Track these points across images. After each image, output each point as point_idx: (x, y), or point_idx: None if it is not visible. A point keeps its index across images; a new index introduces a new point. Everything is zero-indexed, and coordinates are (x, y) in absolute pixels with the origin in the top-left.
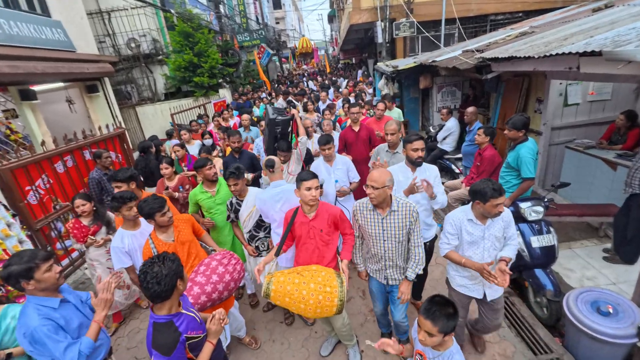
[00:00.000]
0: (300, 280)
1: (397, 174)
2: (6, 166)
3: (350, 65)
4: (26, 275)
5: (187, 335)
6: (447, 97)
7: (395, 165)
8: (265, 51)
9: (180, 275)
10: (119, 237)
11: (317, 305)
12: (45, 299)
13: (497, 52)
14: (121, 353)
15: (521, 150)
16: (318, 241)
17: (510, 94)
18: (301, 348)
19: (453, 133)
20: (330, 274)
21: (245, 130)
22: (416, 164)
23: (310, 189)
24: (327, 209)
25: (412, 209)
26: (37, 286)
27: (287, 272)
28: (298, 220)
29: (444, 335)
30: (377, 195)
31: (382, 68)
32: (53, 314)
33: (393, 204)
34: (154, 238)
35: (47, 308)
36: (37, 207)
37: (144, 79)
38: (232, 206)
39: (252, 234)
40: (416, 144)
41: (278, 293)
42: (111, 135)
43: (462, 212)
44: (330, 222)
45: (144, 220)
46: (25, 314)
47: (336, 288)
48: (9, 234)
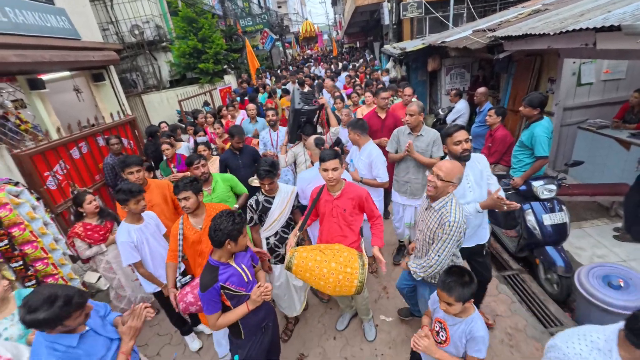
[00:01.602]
0: (322, 258)
1: None
2: (25, 152)
3: (355, 49)
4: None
5: (223, 284)
6: (456, 79)
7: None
8: (268, 36)
9: (232, 237)
10: (125, 231)
11: (337, 284)
12: (60, 337)
13: (510, 31)
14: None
15: (536, 129)
16: (340, 220)
17: (522, 75)
18: (317, 324)
19: (463, 115)
20: (353, 255)
21: (252, 121)
22: (463, 159)
23: (327, 170)
24: (353, 189)
25: (444, 221)
26: (62, 329)
27: (310, 249)
28: (323, 197)
29: (463, 303)
30: (437, 187)
31: (389, 50)
32: (72, 352)
33: (438, 203)
34: (185, 220)
35: (64, 347)
36: (56, 192)
37: (148, 67)
38: (258, 205)
39: (280, 236)
40: (458, 135)
41: (299, 267)
42: (122, 122)
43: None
44: (355, 203)
45: (146, 215)
46: (37, 354)
47: (357, 270)
48: (34, 217)
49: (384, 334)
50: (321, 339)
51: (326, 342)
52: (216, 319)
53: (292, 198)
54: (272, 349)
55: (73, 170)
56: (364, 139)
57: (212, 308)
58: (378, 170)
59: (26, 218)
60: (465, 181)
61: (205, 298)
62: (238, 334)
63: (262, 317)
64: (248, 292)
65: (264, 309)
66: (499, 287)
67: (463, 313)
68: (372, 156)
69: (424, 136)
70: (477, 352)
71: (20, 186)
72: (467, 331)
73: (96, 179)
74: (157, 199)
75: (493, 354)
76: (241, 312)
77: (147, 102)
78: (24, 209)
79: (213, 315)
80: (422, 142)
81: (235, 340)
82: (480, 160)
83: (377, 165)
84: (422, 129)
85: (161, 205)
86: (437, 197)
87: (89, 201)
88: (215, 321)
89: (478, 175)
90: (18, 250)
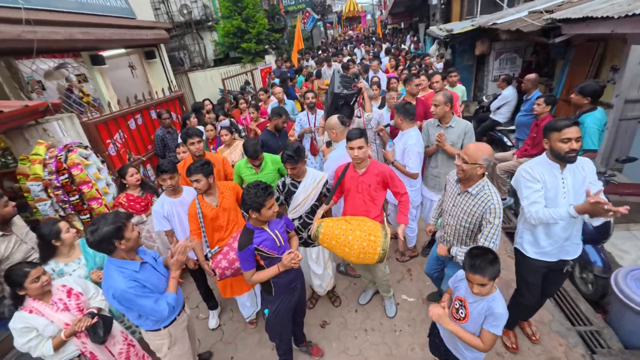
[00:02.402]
0: (347, 227)
1: (540, 172)
2: (92, 121)
3: (399, 30)
4: (117, 235)
5: (257, 247)
6: (506, 65)
7: (533, 160)
8: (310, 16)
9: (254, 208)
10: (159, 202)
11: (361, 250)
12: (126, 262)
13: (569, 13)
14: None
15: (587, 120)
16: (365, 195)
17: (581, 61)
18: (340, 296)
19: (509, 103)
20: (376, 225)
21: (280, 104)
22: (567, 160)
23: (353, 149)
24: (377, 166)
25: (489, 206)
26: (127, 245)
27: (335, 219)
28: (349, 174)
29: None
30: (464, 170)
31: (434, 32)
32: (136, 276)
33: (474, 187)
34: (200, 200)
35: (130, 270)
36: (115, 158)
37: (195, 46)
38: (284, 187)
39: (304, 221)
40: (568, 132)
41: (326, 236)
42: (172, 97)
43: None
44: (380, 179)
45: (186, 189)
46: (110, 276)
47: (380, 238)
48: (99, 177)
49: (404, 312)
50: (343, 310)
51: (348, 314)
52: (251, 275)
53: (320, 185)
54: (298, 309)
55: (129, 139)
56: (406, 124)
57: (247, 265)
58: (409, 159)
59: (93, 178)
60: (561, 186)
61: (242, 257)
62: (269, 290)
63: (292, 279)
64: (280, 255)
65: (293, 272)
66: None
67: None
68: (407, 143)
69: (454, 127)
70: (493, 327)
71: (89, 150)
72: (486, 307)
73: (148, 149)
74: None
75: None
76: (272, 272)
77: (193, 79)
78: (91, 170)
79: (248, 272)
80: (453, 134)
81: (267, 296)
82: (586, 166)
83: (409, 154)
84: (451, 120)
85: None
86: (468, 181)
87: (131, 174)
88: (250, 277)
89: (579, 182)
90: (87, 205)
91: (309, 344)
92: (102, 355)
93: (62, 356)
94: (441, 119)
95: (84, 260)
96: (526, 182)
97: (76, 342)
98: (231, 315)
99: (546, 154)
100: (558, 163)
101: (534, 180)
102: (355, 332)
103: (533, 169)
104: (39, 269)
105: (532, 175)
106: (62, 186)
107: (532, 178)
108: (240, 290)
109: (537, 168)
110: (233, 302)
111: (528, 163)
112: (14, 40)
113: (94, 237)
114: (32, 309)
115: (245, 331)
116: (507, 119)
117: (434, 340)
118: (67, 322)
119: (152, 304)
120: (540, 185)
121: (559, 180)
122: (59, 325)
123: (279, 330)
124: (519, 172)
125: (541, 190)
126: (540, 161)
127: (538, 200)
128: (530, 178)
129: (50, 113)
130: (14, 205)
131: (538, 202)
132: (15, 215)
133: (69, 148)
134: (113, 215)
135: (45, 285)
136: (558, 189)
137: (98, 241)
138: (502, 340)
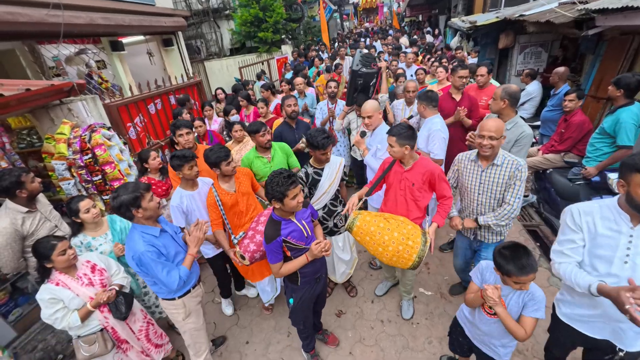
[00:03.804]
0: (385, 226)
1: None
2: (114, 103)
3: (417, 23)
4: (135, 204)
5: (285, 238)
6: (530, 59)
7: (593, 202)
8: (327, 7)
9: (276, 198)
10: (177, 196)
11: (395, 254)
12: (147, 227)
13: (606, 2)
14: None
15: (622, 115)
16: (407, 194)
17: (613, 56)
18: (357, 286)
19: (534, 98)
20: (417, 229)
21: (300, 96)
22: None
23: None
24: (426, 164)
25: (517, 165)
26: (144, 214)
27: (374, 214)
28: (394, 168)
29: None
30: (495, 146)
31: (456, 24)
32: (155, 241)
33: (498, 158)
34: (217, 187)
35: (150, 235)
36: (135, 141)
37: (212, 34)
38: (308, 178)
39: (329, 209)
40: None
41: (360, 230)
42: (190, 83)
43: (596, 203)
44: (426, 178)
45: (201, 181)
46: (133, 239)
47: (419, 245)
48: (122, 158)
49: (421, 305)
50: (359, 300)
51: (364, 304)
52: (279, 267)
53: (341, 169)
54: (319, 299)
55: (149, 123)
56: (429, 111)
57: (274, 258)
58: (433, 145)
59: (115, 159)
60: (624, 245)
61: (269, 249)
62: (295, 280)
63: (317, 269)
64: (307, 245)
65: (319, 262)
66: (551, 280)
67: None
68: (431, 130)
69: (508, 130)
70: (535, 312)
71: (112, 131)
72: (524, 294)
73: (167, 134)
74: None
75: (534, 341)
76: (301, 262)
77: (209, 68)
78: (114, 151)
79: (276, 264)
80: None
81: (292, 285)
82: None
83: (433, 140)
84: (509, 121)
85: (209, 170)
86: (492, 156)
87: (153, 157)
88: (278, 270)
89: None
90: (109, 185)
91: (325, 332)
92: (123, 332)
93: (86, 330)
94: (499, 116)
95: (110, 235)
96: (565, 225)
97: (99, 316)
98: (246, 300)
99: (617, 200)
100: (631, 214)
101: (575, 227)
102: (371, 322)
103: (582, 214)
104: (65, 242)
105: (574, 221)
106: (86, 166)
107: (574, 224)
108: (261, 275)
109: (591, 214)
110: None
111: (583, 204)
112: (38, 23)
113: (114, 203)
114: (59, 281)
115: (260, 316)
116: (531, 115)
117: (456, 338)
118: (92, 296)
119: (163, 273)
120: (579, 237)
121: (624, 237)
122: (84, 298)
123: (303, 317)
124: (569, 208)
125: (578, 244)
126: (603, 206)
127: (568, 253)
128: (571, 224)
129: (75, 93)
130: (39, 182)
131: (567, 254)
132: (41, 192)
133: (92, 128)
134: (133, 185)
135: (71, 259)
136: (618, 248)
137: (117, 207)
138: None
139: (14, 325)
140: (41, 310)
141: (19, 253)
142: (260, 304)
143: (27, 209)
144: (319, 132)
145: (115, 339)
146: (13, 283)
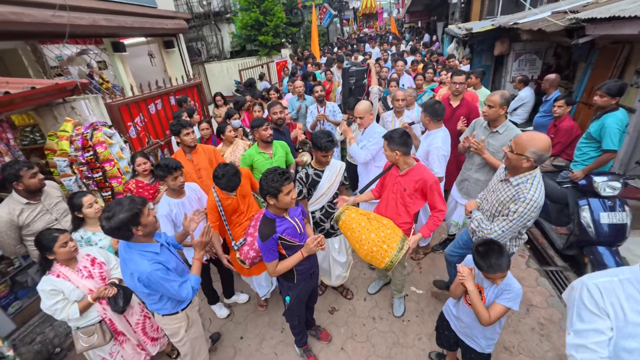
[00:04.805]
0: (366, 226)
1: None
2: (115, 103)
3: (416, 29)
4: (135, 221)
5: (280, 235)
6: (525, 66)
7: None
8: (327, 12)
9: (270, 194)
10: (166, 205)
11: (369, 253)
12: (147, 245)
13: (595, 12)
14: None
15: (607, 120)
16: (398, 198)
17: (604, 64)
18: (350, 285)
19: (526, 104)
20: (396, 235)
21: (299, 98)
22: None
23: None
24: (421, 172)
25: (522, 195)
26: (144, 230)
27: (360, 212)
28: (391, 171)
29: None
30: (509, 159)
31: (453, 31)
32: (158, 258)
33: (517, 178)
34: (218, 191)
35: (152, 253)
36: (135, 141)
37: (212, 37)
38: (307, 178)
39: (326, 211)
40: None
41: (344, 224)
42: (191, 84)
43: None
44: (418, 186)
45: (188, 189)
46: (133, 260)
47: (393, 250)
48: (122, 156)
49: (412, 303)
50: (352, 298)
51: (357, 302)
52: (274, 266)
53: (341, 173)
54: (312, 295)
55: (149, 123)
56: (433, 124)
57: (270, 256)
58: (433, 163)
59: (115, 157)
60: None
61: (265, 247)
62: (292, 278)
63: (311, 265)
64: (301, 242)
65: (313, 258)
66: (539, 280)
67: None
68: (431, 145)
69: (500, 134)
70: (507, 301)
71: (113, 129)
72: (501, 285)
73: (166, 134)
74: (204, 162)
75: (521, 338)
76: (296, 259)
77: (209, 70)
78: (114, 149)
79: (272, 263)
80: (497, 141)
81: (287, 284)
82: None
83: (432, 157)
84: (500, 125)
85: (208, 169)
86: (514, 171)
87: (138, 163)
88: (274, 268)
89: None
90: (108, 182)
91: (318, 328)
92: (120, 324)
93: (85, 321)
94: (491, 121)
95: None
96: (584, 308)
97: (98, 308)
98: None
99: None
100: None
101: (599, 312)
102: (363, 319)
103: (604, 294)
104: (67, 235)
105: (597, 304)
106: (87, 163)
107: (597, 307)
108: (258, 270)
109: (614, 293)
110: (244, 284)
111: (599, 279)
112: (43, 23)
113: (110, 224)
114: (60, 273)
115: (255, 313)
116: (524, 120)
117: (443, 332)
118: (92, 288)
119: (176, 287)
120: (607, 326)
121: None
122: (84, 290)
123: (298, 314)
124: (582, 286)
125: (607, 334)
126: (624, 280)
127: (594, 348)
128: (592, 306)
129: (78, 92)
130: (41, 179)
131: (593, 350)
132: (40, 188)
133: (94, 126)
134: (129, 201)
135: (72, 251)
136: None
137: (115, 228)
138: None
139: (13, 317)
140: (42, 300)
141: (15, 240)
142: (254, 301)
143: (27, 200)
144: (324, 135)
145: (113, 331)
146: (13, 277)
